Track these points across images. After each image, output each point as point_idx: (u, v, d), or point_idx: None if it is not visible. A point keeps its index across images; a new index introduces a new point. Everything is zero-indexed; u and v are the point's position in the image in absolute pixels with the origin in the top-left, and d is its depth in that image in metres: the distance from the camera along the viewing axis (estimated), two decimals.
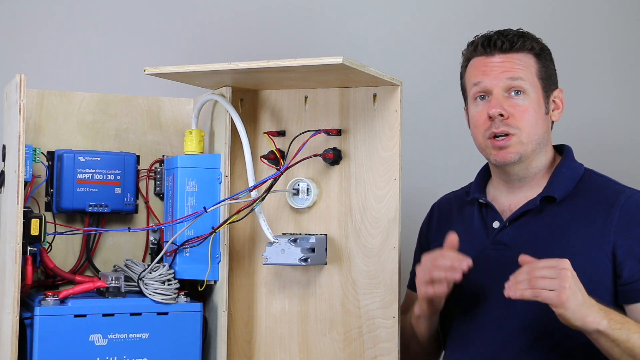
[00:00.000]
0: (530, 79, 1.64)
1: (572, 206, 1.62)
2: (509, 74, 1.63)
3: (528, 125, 1.62)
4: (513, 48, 1.64)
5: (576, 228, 1.59)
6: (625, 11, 2.66)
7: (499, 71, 1.64)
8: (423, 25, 2.54)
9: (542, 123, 1.64)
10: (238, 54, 2.30)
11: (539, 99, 1.64)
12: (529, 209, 1.64)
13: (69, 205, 1.74)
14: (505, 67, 1.64)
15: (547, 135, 1.67)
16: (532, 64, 1.65)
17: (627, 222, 1.56)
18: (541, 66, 1.66)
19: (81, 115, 1.83)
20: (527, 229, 1.64)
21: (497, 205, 1.70)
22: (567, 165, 1.67)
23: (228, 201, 1.71)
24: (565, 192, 1.63)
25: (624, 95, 2.64)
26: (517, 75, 1.63)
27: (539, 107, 1.64)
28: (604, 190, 1.63)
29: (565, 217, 1.61)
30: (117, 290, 1.65)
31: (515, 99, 1.63)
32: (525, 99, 1.63)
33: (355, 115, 1.77)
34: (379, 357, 1.73)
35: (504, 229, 1.66)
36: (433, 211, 1.88)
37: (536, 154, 1.65)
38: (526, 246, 1.60)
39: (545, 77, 1.66)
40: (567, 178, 1.65)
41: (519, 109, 1.62)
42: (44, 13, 2.24)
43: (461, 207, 1.78)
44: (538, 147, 1.65)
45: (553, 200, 1.63)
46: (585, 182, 1.65)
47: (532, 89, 1.63)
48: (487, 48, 1.66)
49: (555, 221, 1.62)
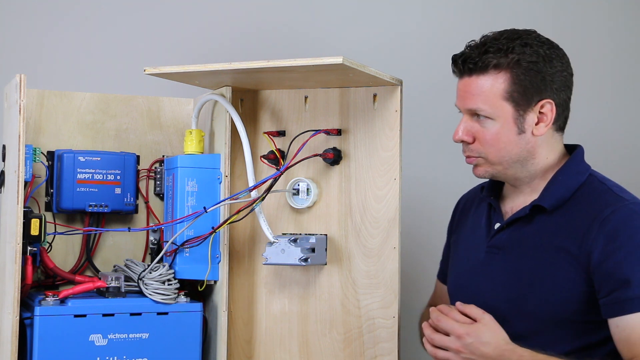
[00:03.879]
0: (493, 103, 1.55)
1: (562, 216, 1.57)
2: (467, 105, 1.58)
3: (493, 150, 1.58)
4: (474, 70, 1.56)
5: (560, 239, 1.56)
6: (625, 11, 2.66)
7: (462, 98, 1.60)
8: (423, 26, 2.54)
9: (513, 145, 1.57)
10: (238, 54, 2.30)
11: (507, 120, 1.56)
12: (520, 216, 1.62)
13: (69, 205, 1.74)
14: (465, 95, 1.58)
15: (527, 152, 1.59)
16: (498, 85, 1.54)
17: (605, 235, 1.51)
18: (512, 83, 1.54)
19: (81, 115, 1.83)
20: (518, 235, 1.61)
21: (503, 206, 1.69)
22: (567, 172, 1.61)
23: (228, 201, 1.71)
24: (559, 201, 1.58)
25: (624, 95, 2.64)
26: (475, 106, 1.57)
27: (509, 127, 1.56)
28: (597, 201, 1.57)
29: (553, 227, 1.58)
30: (117, 290, 1.65)
31: (481, 122, 1.58)
32: (490, 124, 1.57)
33: (355, 115, 1.77)
34: (379, 357, 1.73)
35: (501, 231, 1.65)
36: (459, 204, 1.84)
37: (516, 168, 1.60)
38: (514, 253, 1.60)
39: (520, 93, 1.55)
40: (563, 186, 1.59)
41: (484, 134, 1.57)
42: (44, 13, 2.25)
43: (479, 203, 1.76)
44: (515, 164, 1.59)
45: (543, 209, 1.59)
46: (584, 189, 1.60)
47: (497, 112, 1.56)
48: (455, 70, 1.61)
49: (542, 230, 1.58)
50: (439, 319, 1.53)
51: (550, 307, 1.54)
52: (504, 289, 1.59)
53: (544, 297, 1.54)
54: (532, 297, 1.55)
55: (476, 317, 1.52)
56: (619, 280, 1.47)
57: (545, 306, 1.54)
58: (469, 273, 1.68)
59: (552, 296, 1.53)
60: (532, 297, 1.55)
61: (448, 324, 1.52)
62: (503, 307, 1.58)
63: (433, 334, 1.53)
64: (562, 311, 1.53)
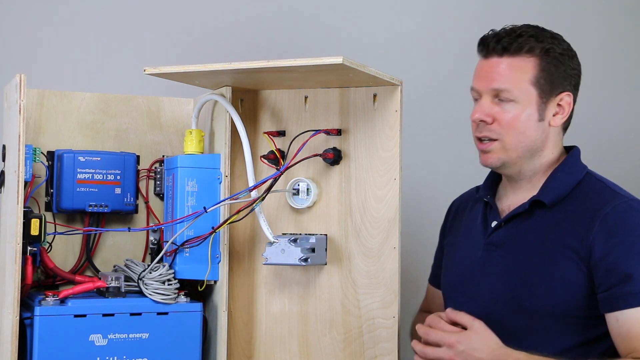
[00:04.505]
0: (521, 87, 1.57)
1: (561, 212, 1.59)
2: (493, 84, 1.58)
3: (512, 133, 1.58)
4: (507, 51, 1.58)
5: (560, 234, 1.57)
6: (625, 11, 2.66)
7: (487, 79, 1.59)
8: (423, 26, 2.54)
9: (532, 131, 1.59)
10: (238, 54, 2.30)
11: (530, 106, 1.58)
12: (519, 212, 1.63)
13: (69, 205, 1.74)
14: (491, 75, 1.59)
15: (541, 141, 1.61)
16: (529, 69, 1.58)
17: (606, 231, 1.52)
18: (541, 70, 1.58)
19: (81, 115, 1.83)
20: (517, 231, 1.62)
21: (500, 204, 1.70)
22: (565, 169, 1.63)
23: (228, 201, 1.71)
24: (557, 197, 1.60)
25: (624, 95, 2.64)
26: (502, 87, 1.57)
27: (529, 114, 1.58)
28: (595, 197, 1.59)
29: (552, 222, 1.59)
30: (117, 290, 1.65)
31: (503, 104, 1.58)
32: (512, 106, 1.58)
33: (355, 115, 1.77)
34: (379, 357, 1.73)
35: (499, 229, 1.65)
36: (452, 208, 1.86)
37: (525, 159, 1.61)
38: (512, 249, 1.61)
39: (546, 81, 1.58)
40: (562, 183, 1.61)
41: (504, 116, 1.58)
42: (44, 13, 2.25)
43: (473, 205, 1.77)
44: (527, 153, 1.60)
45: (543, 205, 1.61)
46: (582, 186, 1.62)
47: (522, 96, 1.58)
48: (484, 50, 1.62)
49: (541, 226, 1.59)
50: (428, 333, 1.53)
51: (550, 302, 1.54)
52: (502, 285, 1.60)
53: (544, 292, 1.55)
54: (532, 292, 1.56)
55: (466, 324, 1.51)
56: (620, 275, 1.48)
57: (546, 301, 1.54)
58: (466, 272, 1.68)
59: (553, 291, 1.54)
60: (532, 293, 1.56)
61: (437, 335, 1.51)
62: (502, 303, 1.58)
63: (425, 349, 1.52)
64: (562, 306, 1.54)
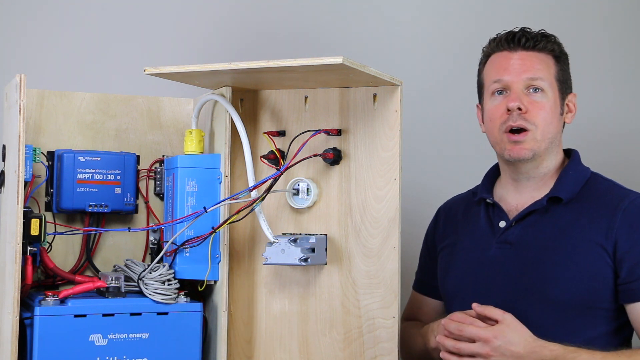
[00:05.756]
0: (549, 80, 1.67)
1: (577, 208, 1.65)
2: (529, 73, 1.66)
3: (544, 123, 1.65)
4: (536, 47, 1.68)
5: (580, 229, 1.62)
6: (625, 11, 2.66)
7: (521, 69, 1.67)
8: (423, 25, 2.54)
9: (556, 123, 1.68)
10: (238, 54, 2.30)
11: (555, 99, 1.67)
12: (535, 208, 1.67)
13: (69, 205, 1.74)
14: (526, 65, 1.67)
15: (559, 136, 1.70)
16: (552, 65, 1.68)
17: (628, 224, 1.59)
18: (559, 69, 1.69)
19: (81, 115, 1.83)
20: (533, 229, 1.66)
21: (504, 205, 1.72)
22: (574, 168, 1.70)
23: (228, 201, 1.71)
24: (572, 193, 1.66)
25: (624, 95, 2.64)
26: (538, 75, 1.66)
27: (555, 107, 1.67)
28: (608, 194, 1.65)
29: (570, 217, 1.64)
30: (117, 290, 1.65)
31: (533, 95, 1.66)
32: (543, 96, 1.66)
33: (355, 115, 1.77)
34: (379, 357, 1.73)
35: (510, 228, 1.68)
36: (439, 214, 1.89)
37: (548, 153, 1.68)
38: (531, 245, 1.65)
39: (562, 80, 1.70)
40: (573, 180, 1.68)
41: (537, 105, 1.65)
42: (44, 13, 2.25)
43: (467, 209, 1.80)
44: (550, 146, 1.68)
45: (559, 200, 1.66)
46: (591, 185, 1.68)
47: (550, 88, 1.67)
48: (511, 44, 1.69)
49: (560, 221, 1.64)
50: (461, 328, 1.54)
51: (577, 294, 1.58)
52: (521, 280, 1.62)
53: (571, 285, 1.58)
54: (558, 285, 1.59)
55: (497, 317, 1.54)
56: None
57: (573, 293, 1.58)
58: (475, 271, 1.69)
59: (580, 283, 1.57)
60: (558, 286, 1.59)
61: (472, 330, 1.53)
62: (521, 298, 1.61)
63: (458, 344, 1.54)
64: (588, 298, 1.57)
